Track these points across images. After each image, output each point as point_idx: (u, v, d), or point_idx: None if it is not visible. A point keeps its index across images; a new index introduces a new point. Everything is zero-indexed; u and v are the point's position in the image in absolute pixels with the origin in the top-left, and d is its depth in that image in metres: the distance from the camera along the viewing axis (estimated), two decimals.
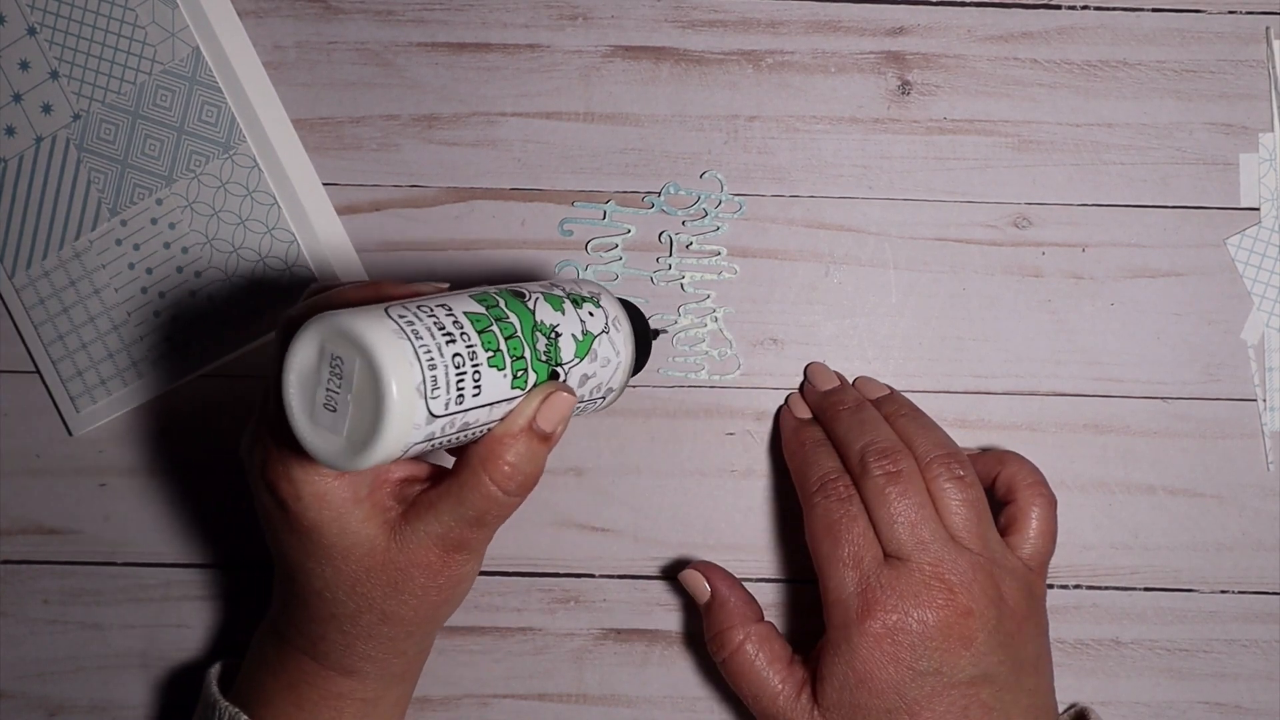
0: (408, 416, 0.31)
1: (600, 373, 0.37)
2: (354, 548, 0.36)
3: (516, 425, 0.34)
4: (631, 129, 0.47)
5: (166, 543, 0.48)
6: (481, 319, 0.34)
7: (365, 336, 0.30)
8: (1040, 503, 0.43)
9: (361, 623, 0.38)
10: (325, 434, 0.31)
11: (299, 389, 0.32)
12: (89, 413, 0.47)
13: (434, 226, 0.47)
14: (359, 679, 0.40)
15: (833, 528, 0.41)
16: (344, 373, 0.31)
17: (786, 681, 0.41)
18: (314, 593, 0.37)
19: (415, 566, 0.36)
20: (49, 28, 0.46)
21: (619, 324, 0.38)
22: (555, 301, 0.36)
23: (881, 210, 0.47)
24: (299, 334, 0.31)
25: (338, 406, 0.31)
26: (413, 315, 0.32)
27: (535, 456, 0.35)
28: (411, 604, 0.37)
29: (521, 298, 0.36)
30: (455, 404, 0.32)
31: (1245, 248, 0.47)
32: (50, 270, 0.47)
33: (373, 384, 0.30)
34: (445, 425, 0.32)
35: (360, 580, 0.36)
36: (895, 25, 0.47)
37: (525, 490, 0.36)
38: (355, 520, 0.36)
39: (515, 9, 0.47)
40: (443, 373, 0.31)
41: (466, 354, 0.32)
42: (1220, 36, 0.47)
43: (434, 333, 0.32)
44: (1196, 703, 0.47)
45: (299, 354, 0.31)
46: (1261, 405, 0.47)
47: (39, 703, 0.48)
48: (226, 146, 0.46)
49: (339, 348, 0.31)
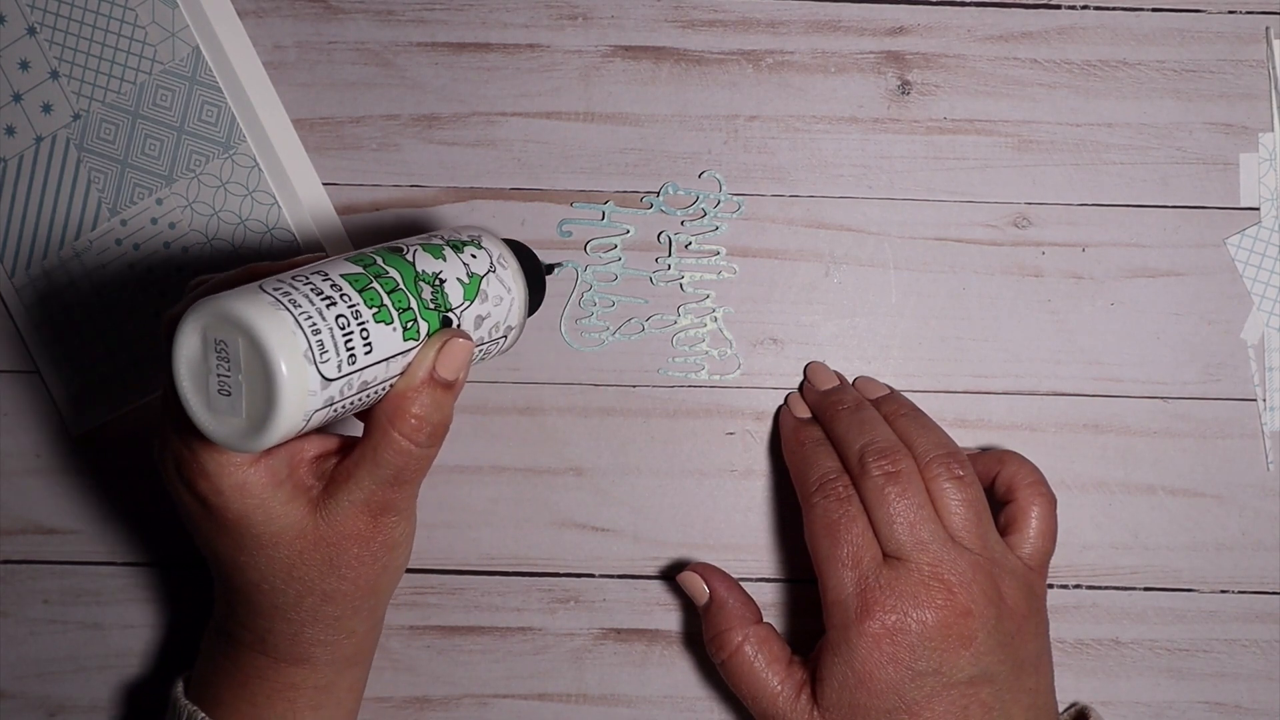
0: (301, 384, 0.31)
1: (495, 312, 0.38)
2: (283, 532, 0.36)
3: (417, 377, 0.35)
4: (631, 129, 0.47)
5: (166, 542, 0.48)
6: (360, 278, 0.34)
7: (243, 314, 0.31)
8: (1040, 502, 0.43)
9: (305, 607, 0.38)
10: (225, 419, 0.32)
11: (191, 380, 0.32)
12: (89, 413, 0.47)
13: (433, 227, 0.47)
14: (310, 666, 0.39)
15: (832, 528, 0.41)
16: (230, 355, 0.31)
17: (786, 682, 0.41)
18: (252, 585, 0.37)
19: (346, 538, 0.36)
20: (49, 28, 0.46)
21: (504, 261, 0.39)
22: (434, 250, 0.37)
23: (881, 210, 0.47)
24: (180, 325, 0.32)
25: (231, 389, 0.31)
26: (288, 286, 0.32)
27: (441, 405, 0.35)
28: (350, 578, 0.37)
29: (399, 252, 0.36)
30: (348, 365, 0.32)
31: (1245, 248, 0.47)
32: (50, 270, 0.47)
33: (259, 359, 0.31)
34: (343, 387, 0.32)
35: (295, 564, 0.37)
36: (895, 25, 0.47)
37: (436, 440, 0.36)
38: (279, 504, 0.36)
39: (515, 9, 0.47)
40: (328, 336, 0.32)
41: (350, 314, 0.33)
42: (1220, 36, 0.47)
43: (312, 298, 0.32)
44: (1196, 703, 0.47)
45: (184, 346, 0.32)
46: (1261, 405, 0.47)
47: (39, 703, 0.48)
48: (226, 146, 0.46)
49: (220, 331, 0.31)
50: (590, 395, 0.47)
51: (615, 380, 0.47)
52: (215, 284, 0.36)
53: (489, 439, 0.47)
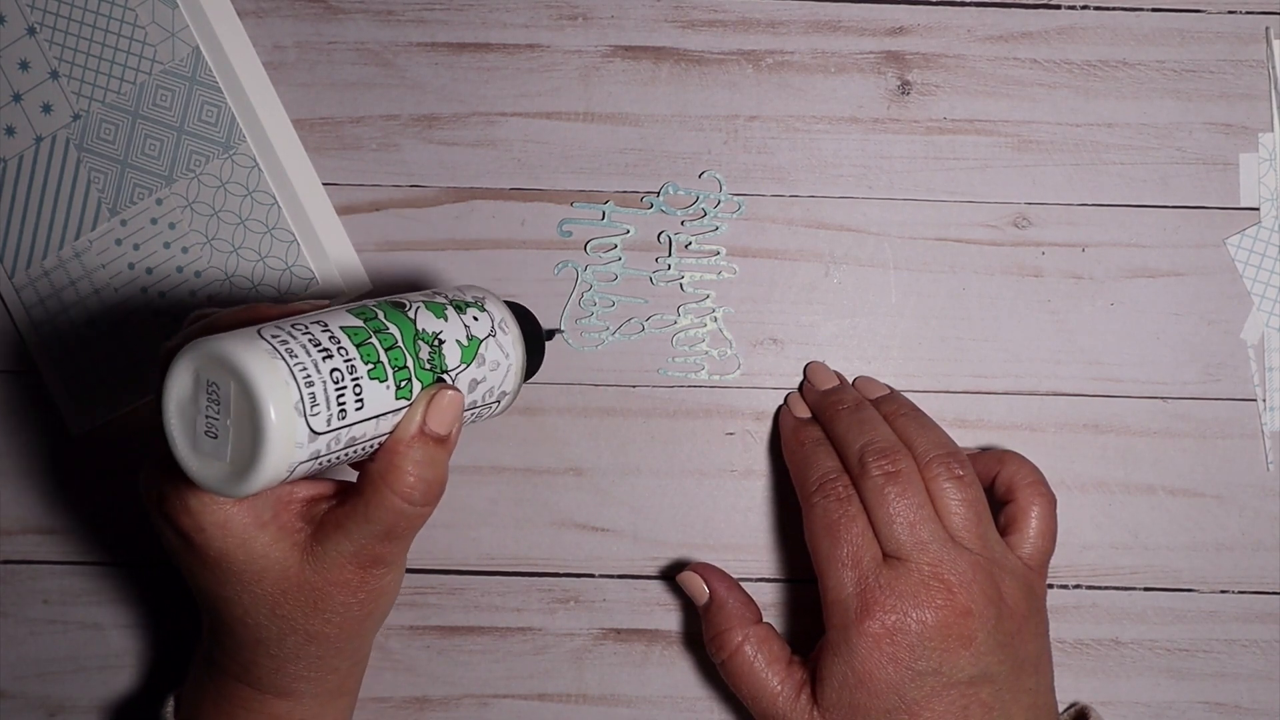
0: (288, 436, 0.30)
1: (490, 376, 0.37)
2: (265, 572, 0.35)
3: (408, 432, 0.34)
4: (631, 129, 0.47)
5: None
6: (360, 332, 0.33)
7: (238, 359, 0.30)
8: (1040, 502, 0.43)
9: (288, 645, 0.37)
10: (209, 461, 0.31)
11: (179, 419, 0.31)
12: (89, 413, 0.47)
13: (434, 226, 0.47)
14: (295, 699, 0.39)
15: (832, 528, 0.41)
16: (221, 398, 0.31)
17: (786, 682, 0.41)
18: (236, 620, 0.37)
19: (333, 585, 0.36)
20: (49, 28, 0.46)
21: (506, 326, 0.38)
22: (437, 309, 0.36)
23: (881, 210, 0.47)
24: (174, 363, 0.31)
25: (219, 433, 0.31)
26: (286, 334, 0.32)
27: (435, 462, 0.35)
28: (335, 621, 0.37)
29: (402, 308, 0.35)
30: (338, 419, 0.32)
31: (1245, 248, 0.47)
32: (50, 270, 0.47)
33: (250, 406, 0.30)
34: (330, 441, 0.32)
35: (279, 603, 0.36)
36: (895, 25, 0.47)
37: (431, 499, 0.35)
38: (261, 544, 0.35)
39: (515, 9, 0.47)
40: (321, 389, 0.31)
41: (345, 368, 0.32)
42: (1220, 36, 0.47)
43: (309, 349, 0.32)
44: (1196, 703, 0.47)
45: (176, 383, 0.31)
46: (1261, 405, 0.47)
47: (39, 703, 0.48)
48: (226, 146, 0.46)
49: (213, 373, 0.31)
50: (590, 395, 0.47)
51: (615, 380, 0.47)
52: (215, 321, 0.35)
53: (489, 439, 0.47)
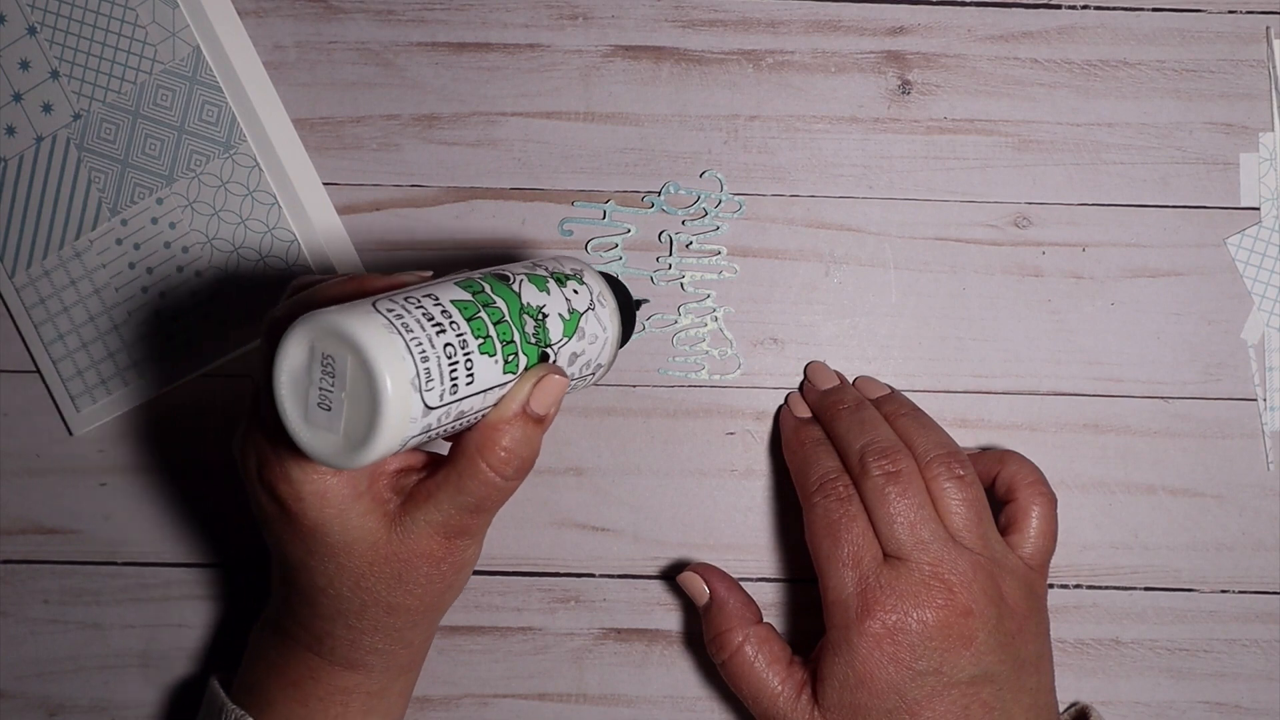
0: (404, 411, 0.30)
1: (589, 349, 0.38)
2: (356, 543, 0.36)
3: (510, 410, 0.34)
4: (631, 129, 0.47)
5: (166, 543, 0.48)
6: (469, 306, 0.33)
7: (356, 333, 0.30)
8: (1040, 502, 0.43)
9: (368, 617, 0.38)
10: (321, 433, 0.31)
11: (291, 390, 0.31)
12: (89, 413, 0.47)
13: (434, 226, 0.47)
14: (365, 672, 0.40)
15: (832, 528, 0.41)
16: (336, 371, 0.31)
17: (786, 682, 0.41)
18: (318, 590, 0.37)
19: (418, 556, 0.36)
20: (49, 27, 0.46)
21: (604, 299, 0.38)
22: (539, 282, 0.36)
23: (881, 210, 0.47)
24: (287, 335, 0.31)
25: (332, 405, 0.31)
26: (401, 308, 0.32)
27: (530, 440, 0.35)
28: (417, 593, 0.37)
29: (506, 281, 0.36)
30: (450, 394, 0.32)
31: (1245, 247, 0.47)
32: (50, 270, 0.47)
33: (367, 381, 0.30)
34: (441, 416, 0.32)
35: (364, 575, 0.36)
36: (895, 25, 0.47)
37: (522, 474, 0.36)
38: (356, 515, 0.35)
39: (515, 9, 0.47)
40: (435, 364, 0.31)
41: (457, 343, 0.32)
42: (1220, 36, 0.47)
43: (424, 324, 0.32)
44: (1196, 703, 0.47)
45: (289, 355, 0.31)
46: (1261, 405, 0.47)
47: (39, 703, 0.48)
48: (227, 146, 0.46)
49: (330, 346, 0.31)
50: (590, 395, 0.47)
51: (615, 380, 0.47)
52: (321, 293, 0.35)
53: None
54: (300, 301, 0.35)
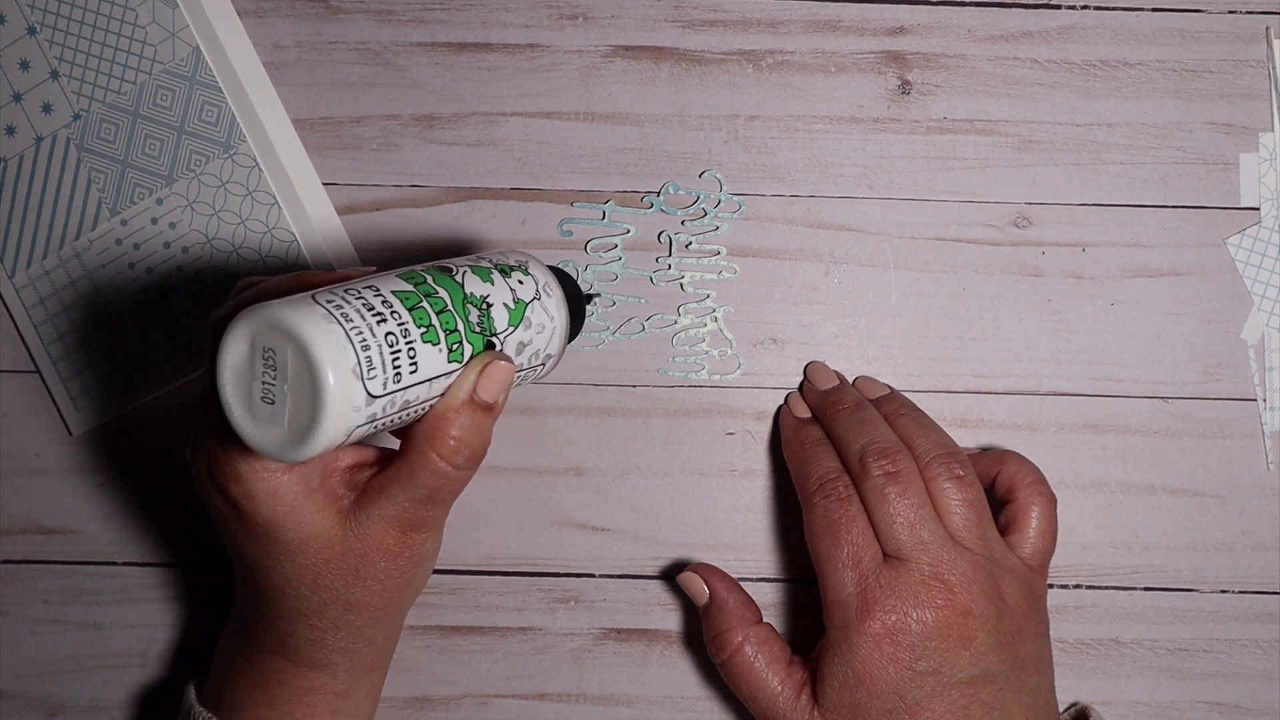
0: (346, 400, 0.31)
1: (536, 339, 0.38)
2: (311, 540, 0.36)
3: (458, 399, 0.34)
4: (631, 129, 0.47)
5: (166, 542, 0.48)
6: (411, 296, 0.34)
7: (295, 324, 0.30)
8: (1040, 502, 0.43)
9: (328, 615, 0.38)
10: (266, 427, 0.31)
11: (234, 385, 0.32)
12: (89, 413, 0.47)
13: (434, 226, 0.47)
14: (330, 672, 0.39)
15: (832, 528, 0.41)
16: (278, 363, 0.31)
17: (786, 682, 0.41)
18: (276, 590, 0.37)
19: (375, 551, 0.36)
20: (49, 27, 0.46)
21: (549, 289, 0.38)
22: (483, 273, 0.37)
23: (881, 210, 0.47)
24: (229, 330, 0.31)
25: (275, 398, 0.31)
26: (340, 299, 0.32)
27: (480, 428, 0.35)
28: (376, 589, 0.37)
29: (449, 272, 0.36)
30: (393, 383, 0.32)
31: (1245, 247, 0.47)
32: (50, 270, 0.47)
33: (308, 371, 0.30)
34: (385, 405, 0.32)
35: (321, 573, 0.36)
36: (895, 25, 0.47)
37: (474, 463, 0.36)
38: (309, 512, 0.35)
39: (515, 9, 0.47)
40: (377, 353, 0.31)
41: (399, 332, 0.32)
42: (1220, 36, 0.47)
43: (364, 314, 0.32)
44: (1196, 703, 0.47)
45: (231, 350, 0.31)
46: (1261, 405, 0.47)
47: (39, 703, 0.48)
48: (227, 146, 0.46)
49: (270, 339, 0.31)
50: (590, 395, 0.47)
51: (615, 380, 0.47)
52: (264, 289, 0.35)
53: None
54: (243, 300, 0.35)
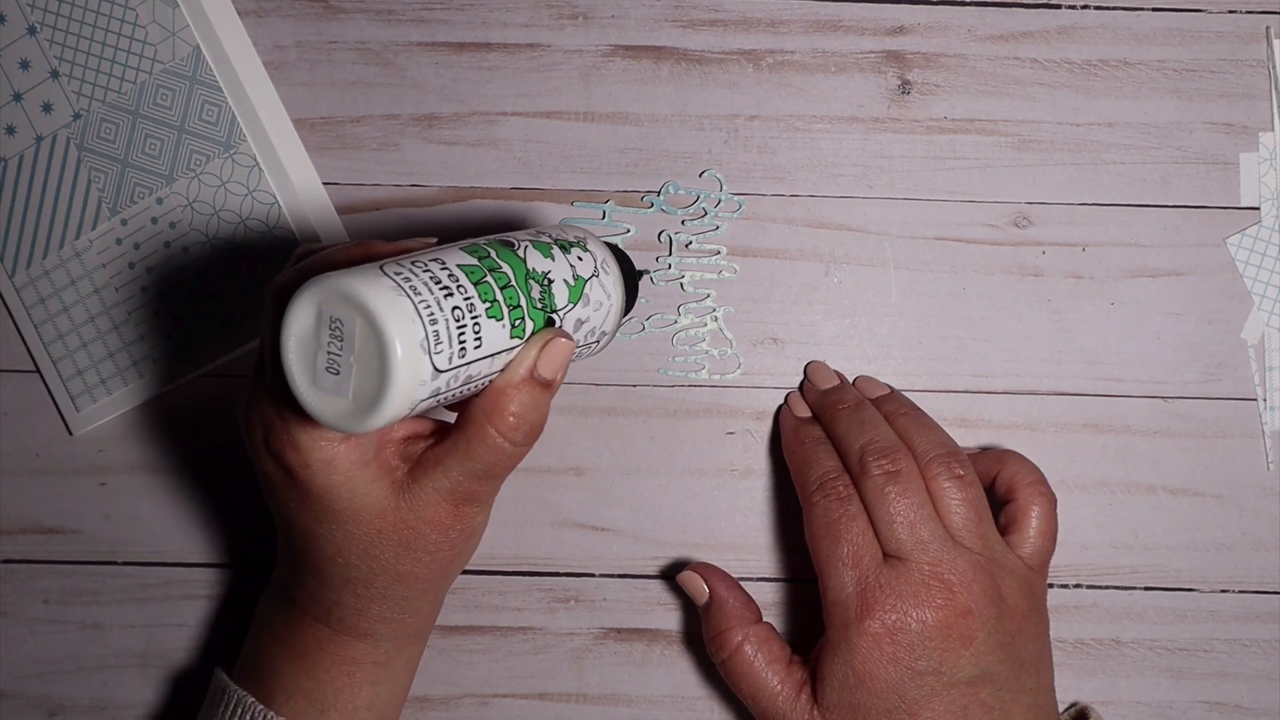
0: (413, 374, 0.30)
1: (593, 316, 0.38)
2: (364, 510, 0.36)
3: (518, 375, 0.34)
4: (631, 129, 0.47)
5: (166, 542, 0.48)
6: (475, 270, 0.34)
7: (365, 296, 0.30)
8: (1040, 502, 0.43)
9: (376, 585, 0.38)
10: (330, 398, 0.31)
11: (299, 354, 0.31)
12: (89, 413, 0.47)
13: (434, 226, 0.47)
14: (373, 642, 0.40)
15: (832, 527, 0.41)
16: (345, 334, 0.31)
17: (785, 682, 0.41)
18: (326, 559, 0.37)
19: (426, 524, 0.36)
20: (49, 27, 0.46)
21: (608, 267, 0.38)
22: (544, 248, 0.36)
23: (881, 210, 0.47)
24: (295, 299, 0.31)
25: (340, 369, 0.31)
26: (408, 271, 0.32)
27: (538, 405, 0.35)
28: (425, 561, 0.37)
29: (511, 247, 0.36)
30: (458, 357, 0.32)
31: (1245, 247, 0.47)
32: (50, 270, 0.47)
33: (376, 344, 0.30)
34: (449, 379, 0.32)
35: (372, 543, 0.36)
36: (895, 25, 0.47)
37: (531, 439, 0.36)
38: (364, 482, 0.35)
39: (515, 9, 0.47)
40: (444, 327, 0.31)
41: (465, 306, 0.32)
42: (1220, 36, 0.47)
43: (431, 287, 0.32)
44: (1196, 702, 0.47)
45: (297, 319, 0.31)
46: (1261, 405, 0.47)
47: (39, 703, 0.48)
48: (227, 146, 0.46)
49: (338, 309, 0.31)
50: (590, 395, 0.47)
51: (615, 380, 0.47)
52: (327, 258, 0.35)
53: None
54: (306, 267, 0.35)
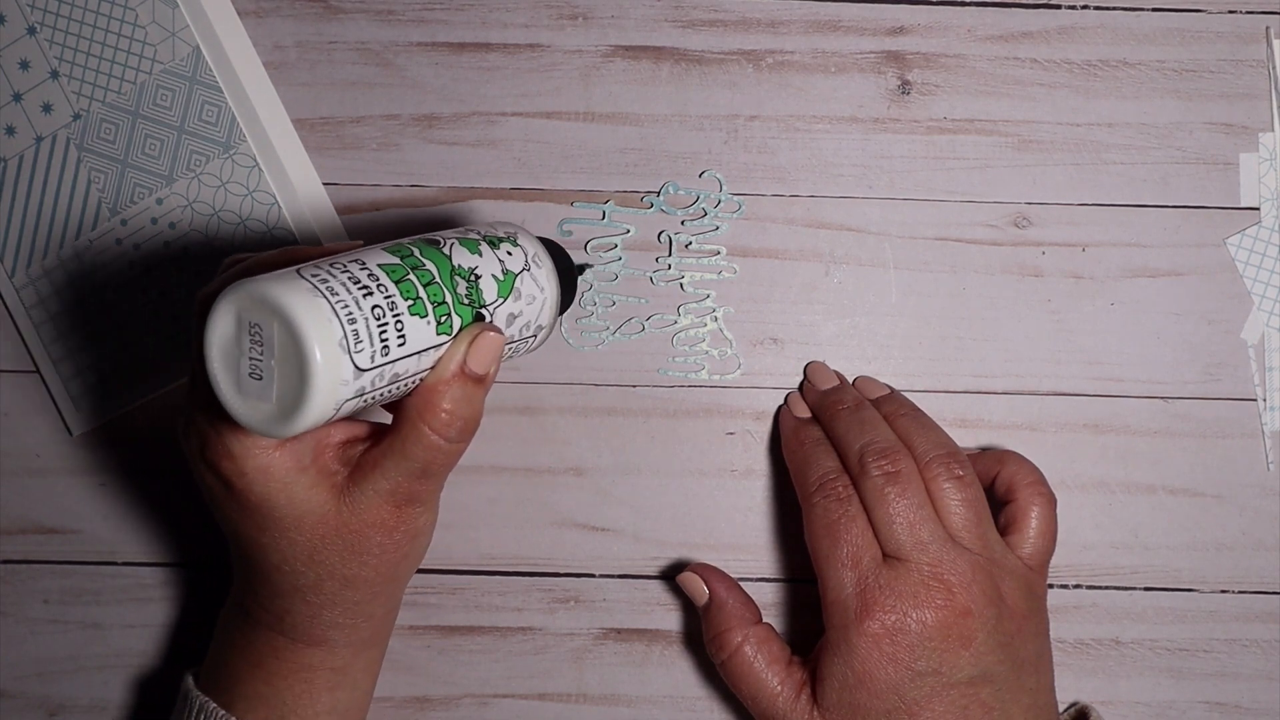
0: (334, 373, 0.31)
1: (527, 311, 0.38)
2: (305, 516, 0.36)
3: (448, 371, 0.34)
4: (631, 129, 0.47)
5: (166, 543, 0.48)
6: (397, 269, 0.34)
7: (280, 299, 0.30)
8: (1040, 502, 0.43)
9: (325, 591, 0.38)
10: (255, 403, 0.31)
11: (222, 362, 0.32)
12: (89, 413, 0.47)
13: (435, 226, 0.47)
14: (328, 648, 0.40)
15: (831, 528, 0.41)
16: (264, 339, 0.31)
17: (785, 682, 0.41)
18: (273, 567, 0.37)
19: (370, 526, 0.36)
20: (49, 27, 0.46)
21: (539, 260, 0.38)
22: (471, 245, 0.36)
23: (881, 210, 0.47)
24: (214, 307, 0.31)
25: (263, 374, 0.31)
26: (325, 273, 0.32)
27: (472, 400, 0.35)
28: (372, 564, 0.37)
29: (436, 245, 0.36)
30: (381, 356, 0.32)
31: (1245, 247, 0.47)
32: (50, 270, 0.47)
33: (294, 345, 0.30)
34: (374, 378, 0.32)
35: (317, 549, 0.36)
36: (895, 25, 0.47)
37: (466, 436, 0.36)
38: (302, 488, 0.35)
39: (515, 9, 0.47)
40: (363, 326, 0.31)
41: (385, 305, 0.32)
42: (1220, 36, 0.47)
43: (349, 287, 0.32)
44: (1196, 703, 0.47)
45: (217, 327, 0.31)
46: (1261, 405, 0.47)
47: (39, 703, 0.48)
48: (227, 146, 0.46)
49: (256, 314, 0.31)
50: (590, 395, 0.47)
51: (615, 380, 0.47)
52: (251, 264, 0.35)
53: (489, 439, 0.47)
54: (229, 276, 0.35)
